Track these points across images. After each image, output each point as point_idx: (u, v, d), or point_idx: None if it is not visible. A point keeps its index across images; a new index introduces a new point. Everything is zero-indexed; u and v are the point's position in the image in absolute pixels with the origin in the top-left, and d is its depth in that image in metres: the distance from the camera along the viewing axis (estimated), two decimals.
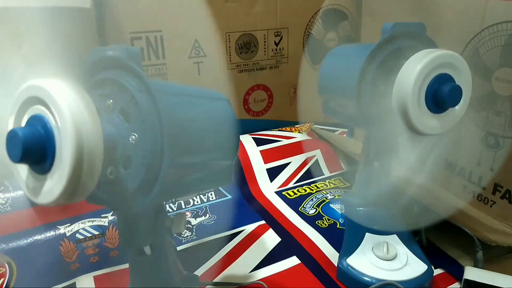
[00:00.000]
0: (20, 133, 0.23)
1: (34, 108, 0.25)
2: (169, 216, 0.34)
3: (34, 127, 0.24)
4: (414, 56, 0.37)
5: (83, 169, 0.24)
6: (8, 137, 0.24)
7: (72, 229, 0.50)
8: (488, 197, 0.48)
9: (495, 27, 0.43)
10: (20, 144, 0.23)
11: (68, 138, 0.23)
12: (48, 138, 0.24)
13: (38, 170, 0.25)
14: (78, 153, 0.23)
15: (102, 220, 0.52)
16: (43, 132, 0.24)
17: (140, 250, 0.32)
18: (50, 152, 0.24)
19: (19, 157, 0.23)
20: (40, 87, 0.24)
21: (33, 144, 0.24)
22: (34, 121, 0.25)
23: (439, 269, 0.45)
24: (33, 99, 0.25)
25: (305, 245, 0.50)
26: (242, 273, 0.45)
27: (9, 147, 0.24)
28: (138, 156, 0.27)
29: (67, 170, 0.23)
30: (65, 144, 0.23)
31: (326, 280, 0.44)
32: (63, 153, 0.24)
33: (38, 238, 0.49)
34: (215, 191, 0.61)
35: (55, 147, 0.24)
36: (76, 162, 0.23)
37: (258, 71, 0.75)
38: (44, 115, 0.24)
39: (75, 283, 0.43)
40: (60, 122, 0.24)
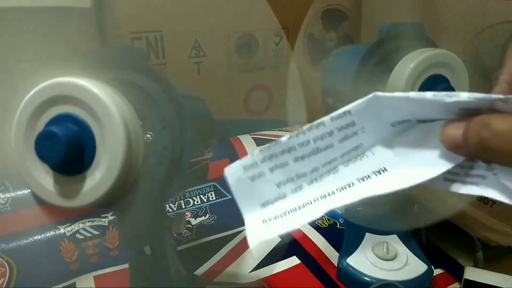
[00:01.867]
0: (60, 133, 0.22)
1: (58, 108, 0.24)
2: (168, 216, 0.34)
3: (69, 127, 0.23)
4: (408, 56, 0.37)
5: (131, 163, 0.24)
6: (43, 138, 0.23)
7: (72, 229, 0.50)
8: (488, 197, 0.48)
9: (495, 27, 0.43)
10: (62, 145, 0.22)
11: (117, 133, 0.23)
12: (86, 136, 0.24)
13: (70, 171, 0.24)
14: (128, 146, 0.23)
15: (102, 220, 0.52)
16: (78, 130, 0.23)
17: (140, 250, 0.32)
18: (89, 151, 0.24)
19: (59, 159, 0.22)
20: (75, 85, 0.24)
21: (73, 144, 0.23)
22: (63, 120, 0.24)
23: (439, 269, 0.45)
24: (58, 98, 0.24)
25: (305, 245, 0.50)
26: (242, 273, 0.45)
27: (45, 148, 0.22)
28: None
29: (118, 164, 0.23)
30: (113, 140, 0.23)
31: (326, 280, 0.44)
32: (108, 149, 0.23)
33: (38, 238, 0.49)
34: (215, 191, 0.61)
35: (95, 145, 0.24)
36: (126, 156, 0.23)
37: (258, 71, 0.75)
38: (76, 113, 0.24)
39: (75, 283, 0.43)
40: (106, 118, 0.23)
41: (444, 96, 0.18)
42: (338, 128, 0.21)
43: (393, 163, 0.21)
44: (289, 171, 0.22)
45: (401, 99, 0.19)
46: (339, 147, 0.21)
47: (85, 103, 0.24)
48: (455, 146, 0.18)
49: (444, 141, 0.19)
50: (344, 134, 0.21)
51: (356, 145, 0.21)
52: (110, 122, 0.23)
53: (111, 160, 0.23)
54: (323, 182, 0.22)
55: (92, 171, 0.24)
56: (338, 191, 0.21)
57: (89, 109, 0.24)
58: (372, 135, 0.21)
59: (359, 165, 0.21)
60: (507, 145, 0.16)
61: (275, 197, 0.22)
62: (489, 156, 0.17)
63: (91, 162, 0.24)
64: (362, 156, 0.21)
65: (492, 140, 0.16)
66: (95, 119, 0.24)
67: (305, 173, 0.22)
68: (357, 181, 0.21)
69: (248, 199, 0.22)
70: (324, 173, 0.22)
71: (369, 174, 0.21)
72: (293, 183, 0.22)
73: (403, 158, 0.21)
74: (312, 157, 0.21)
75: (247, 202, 0.22)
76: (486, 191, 0.19)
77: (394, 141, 0.21)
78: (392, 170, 0.21)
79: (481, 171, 0.19)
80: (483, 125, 0.17)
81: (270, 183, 0.22)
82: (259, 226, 0.22)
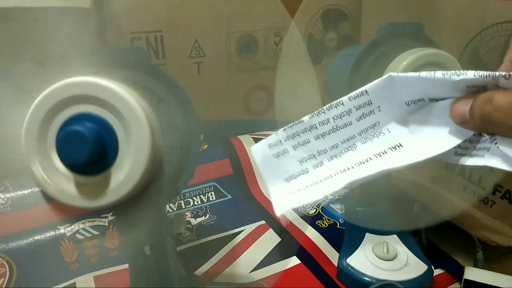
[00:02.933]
0: (85, 132, 0.22)
1: (75, 107, 0.24)
2: (168, 216, 0.34)
3: (91, 126, 0.23)
4: (401, 55, 0.37)
5: (155, 158, 0.24)
6: (68, 138, 0.23)
7: (72, 229, 0.50)
8: (488, 197, 0.48)
9: (495, 27, 0.43)
10: (88, 144, 0.22)
11: (143, 132, 0.23)
12: (107, 135, 0.24)
13: (91, 171, 0.24)
14: (153, 144, 0.24)
15: (102, 220, 0.52)
16: (100, 129, 0.24)
17: (140, 250, 0.32)
18: (111, 150, 0.24)
19: (86, 159, 0.22)
20: (94, 84, 0.24)
21: (97, 143, 0.23)
22: (81, 120, 0.24)
23: (439, 269, 0.45)
24: (76, 98, 0.24)
25: (305, 245, 0.50)
26: (242, 273, 0.45)
27: (70, 149, 0.22)
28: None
29: (143, 162, 0.23)
30: (138, 138, 0.23)
31: (326, 280, 0.44)
32: (133, 147, 0.24)
33: (38, 238, 0.49)
34: (215, 191, 0.61)
35: (118, 144, 0.24)
36: (152, 153, 0.24)
37: (258, 71, 0.75)
38: (96, 112, 0.24)
39: (75, 283, 0.43)
40: (130, 115, 0.23)
41: (453, 75, 0.19)
42: (356, 107, 0.22)
43: (408, 139, 0.22)
44: (311, 148, 0.23)
45: (413, 79, 0.21)
46: (357, 125, 0.23)
47: (108, 102, 0.24)
48: (463, 121, 0.20)
49: (453, 117, 0.20)
50: (361, 112, 0.23)
51: (373, 123, 0.23)
52: (135, 121, 0.24)
53: (137, 158, 0.24)
54: (342, 158, 0.23)
55: (115, 170, 0.24)
56: (357, 165, 0.23)
57: (111, 108, 0.24)
58: (388, 113, 0.22)
59: (376, 142, 0.23)
60: (506, 117, 0.18)
61: (298, 172, 0.24)
62: (491, 128, 0.19)
63: (113, 161, 0.24)
64: (378, 133, 0.23)
65: (493, 113, 0.18)
66: (118, 118, 0.24)
67: (325, 149, 0.23)
68: (375, 157, 0.23)
69: (273, 174, 0.24)
70: (343, 149, 0.23)
71: (386, 150, 0.22)
72: (315, 159, 0.23)
73: (417, 134, 0.22)
74: (332, 135, 0.23)
75: (272, 177, 0.24)
76: (490, 161, 0.20)
77: (408, 119, 0.22)
78: (407, 145, 0.22)
79: (486, 144, 0.20)
80: (486, 100, 0.18)
81: (293, 160, 0.24)
82: (284, 198, 0.23)
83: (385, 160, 0.22)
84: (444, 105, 0.21)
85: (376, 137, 0.23)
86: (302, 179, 0.24)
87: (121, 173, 0.24)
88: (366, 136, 0.23)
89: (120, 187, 0.24)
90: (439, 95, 0.21)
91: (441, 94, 0.21)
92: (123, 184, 0.24)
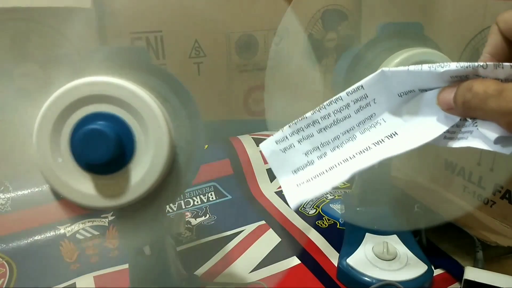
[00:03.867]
0: (107, 131, 0.23)
1: (88, 107, 0.24)
2: (168, 216, 0.34)
3: (110, 125, 0.24)
4: (394, 55, 0.37)
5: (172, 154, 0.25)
6: (88, 137, 0.23)
7: (72, 229, 0.50)
8: (488, 197, 0.48)
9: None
10: (110, 142, 0.23)
11: (161, 130, 0.24)
12: (124, 134, 0.24)
13: (109, 170, 0.24)
14: (170, 138, 0.25)
15: (102, 220, 0.52)
16: (117, 128, 0.24)
17: (139, 250, 0.32)
18: (129, 149, 0.24)
19: (108, 158, 0.23)
20: (111, 84, 0.24)
21: (118, 142, 0.24)
22: (97, 119, 0.24)
23: (439, 269, 0.45)
24: (89, 97, 0.24)
25: (305, 245, 0.50)
26: (242, 273, 0.45)
27: (91, 148, 0.23)
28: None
29: (164, 155, 0.24)
30: (156, 137, 0.24)
31: (326, 280, 0.44)
32: (151, 146, 0.24)
33: (38, 238, 0.49)
34: (215, 191, 0.61)
35: (135, 143, 0.24)
36: (170, 151, 0.25)
37: (258, 71, 0.75)
38: (109, 111, 0.24)
39: (75, 283, 0.43)
40: (147, 113, 0.24)
41: (438, 67, 0.22)
42: (354, 100, 0.25)
43: (403, 127, 0.24)
44: (315, 141, 0.25)
45: (403, 72, 0.23)
46: (355, 117, 0.25)
47: (123, 101, 0.24)
48: (448, 108, 0.22)
49: (440, 104, 0.23)
50: (359, 105, 0.25)
51: (369, 114, 0.25)
52: (153, 118, 0.24)
53: (156, 154, 0.24)
54: (343, 148, 0.25)
55: (134, 168, 0.25)
56: (358, 154, 0.25)
57: (126, 106, 0.24)
58: (383, 105, 0.25)
59: (373, 132, 0.25)
60: (482, 103, 0.20)
61: (304, 164, 0.26)
62: (472, 113, 0.21)
63: (131, 159, 0.24)
64: (375, 123, 0.25)
65: (472, 100, 0.20)
66: (134, 116, 0.24)
67: (328, 141, 0.25)
68: (373, 145, 0.25)
69: (282, 167, 0.26)
70: (344, 140, 0.25)
71: (383, 138, 0.25)
72: (319, 151, 0.26)
73: (410, 123, 0.24)
74: (333, 128, 0.25)
75: (281, 170, 0.26)
76: (472, 142, 0.22)
77: (401, 109, 0.25)
78: (402, 133, 0.24)
79: (470, 128, 0.23)
80: (467, 88, 0.21)
81: (299, 153, 0.26)
82: (295, 189, 0.25)
83: (383, 148, 0.24)
84: (432, 95, 0.23)
85: (373, 127, 0.25)
86: (308, 170, 0.26)
87: (140, 170, 0.24)
88: (364, 127, 0.25)
89: (140, 184, 0.24)
90: (427, 86, 0.23)
91: (429, 85, 0.23)
92: (143, 181, 0.24)
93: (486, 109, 0.20)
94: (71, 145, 0.24)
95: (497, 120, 0.20)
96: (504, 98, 0.19)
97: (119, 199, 0.25)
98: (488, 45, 0.23)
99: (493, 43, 0.23)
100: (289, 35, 0.61)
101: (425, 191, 0.54)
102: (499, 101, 0.19)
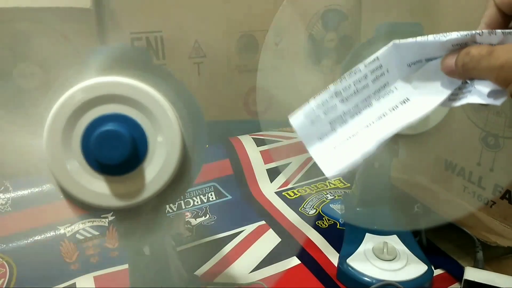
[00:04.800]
0: (123, 131, 0.23)
1: (100, 108, 0.24)
2: (168, 216, 0.34)
3: (123, 125, 0.24)
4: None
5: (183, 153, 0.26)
6: (105, 138, 0.23)
7: (72, 229, 0.50)
8: (488, 197, 0.48)
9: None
10: (127, 143, 0.23)
11: (173, 129, 0.25)
12: (137, 133, 0.24)
13: (122, 170, 0.25)
14: (182, 138, 0.25)
15: (102, 220, 0.52)
16: (131, 128, 0.24)
17: (139, 250, 0.32)
18: (142, 148, 0.25)
19: (123, 158, 0.23)
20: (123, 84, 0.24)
21: (133, 142, 0.24)
22: (109, 120, 0.24)
23: (439, 269, 0.45)
24: (101, 98, 0.24)
25: (305, 245, 0.50)
26: (242, 273, 0.45)
27: (107, 149, 0.23)
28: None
29: (176, 153, 0.25)
30: (169, 135, 0.25)
31: (326, 280, 0.44)
32: (164, 144, 0.25)
33: (38, 238, 0.49)
34: (215, 191, 0.61)
35: (147, 142, 0.25)
36: (182, 148, 0.25)
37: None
38: (124, 112, 0.24)
39: (75, 283, 0.43)
40: (161, 114, 0.24)
41: (441, 36, 0.25)
42: (370, 71, 0.27)
43: (413, 94, 0.27)
44: (337, 110, 0.28)
45: (412, 43, 0.26)
46: (372, 86, 0.28)
47: (135, 100, 0.24)
48: (451, 72, 0.26)
49: (443, 70, 0.26)
50: (375, 75, 0.28)
51: (384, 83, 0.28)
52: (165, 117, 0.25)
53: (169, 152, 0.25)
54: (362, 115, 0.28)
55: (147, 167, 0.25)
56: (376, 120, 0.28)
57: (137, 105, 0.24)
58: (395, 74, 0.27)
59: (387, 99, 0.28)
60: (477, 63, 0.24)
61: (329, 132, 0.29)
62: (470, 74, 0.25)
63: (144, 158, 0.25)
64: (389, 91, 0.28)
65: (469, 63, 0.24)
66: (146, 115, 0.25)
67: (349, 110, 0.28)
68: (389, 111, 0.28)
69: (310, 137, 0.29)
70: (362, 108, 0.28)
71: (397, 104, 0.27)
72: (341, 119, 0.28)
73: (420, 89, 0.27)
74: (353, 97, 0.28)
75: (310, 140, 0.29)
76: (471, 99, 0.26)
77: (411, 77, 0.27)
78: (414, 99, 0.27)
79: (469, 88, 0.26)
80: (465, 53, 0.24)
81: (324, 122, 0.28)
82: (324, 157, 0.29)
83: (398, 114, 0.27)
84: (437, 63, 0.26)
85: (387, 94, 0.28)
86: (333, 138, 0.29)
87: (153, 170, 0.25)
88: (379, 95, 0.28)
89: (154, 182, 0.25)
90: (432, 55, 0.26)
91: (434, 54, 0.26)
92: (156, 180, 0.25)
93: (480, 68, 0.23)
94: (86, 146, 0.24)
95: (489, 76, 0.23)
96: (493, 56, 0.23)
97: (131, 199, 0.25)
98: (484, 17, 0.27)
99: (488, 14, 0.27)
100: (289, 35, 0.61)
101: (425, 191, 0.54)
102: (489, 59, 0.23)
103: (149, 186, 0.25)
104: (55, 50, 0.52)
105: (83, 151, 0.24)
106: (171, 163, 0.25)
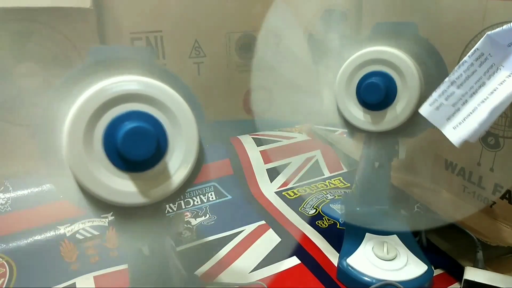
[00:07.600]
0: (150, 128, 0.24)
1: (122, 106, 0.25)
2: (167, 215, 0.34)
3: (143, 123, 0.24)
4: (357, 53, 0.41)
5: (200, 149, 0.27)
6: (133, 135, 0.24)
7: (72, 229, 0.50)
8: (488, 197, 0.48)
9: (495, 27, 0.43)
10: (153, 139, 0.24)
11: (191, 126, 0.26)
12: (158, 131, 0.25)
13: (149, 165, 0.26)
14: (199, 134, 0.27)
15: (102, 220, 0.52)
16: (152, 126, 0.25)
17: (139, 250, 0.32)
18: (162, 145, 0.26)
19: (150, 154, 0.24)
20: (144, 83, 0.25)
21: (158, 139, 0.25)
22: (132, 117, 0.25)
23: (439, 269, 0.45)
24: (124, 96, 0.25)
25: (305, 245, 0.50)
26: (242, 273, 0.45)
27: (135, 145, 0.24)
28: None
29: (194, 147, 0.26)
30: (188, 133, 0.26)
31: (326, 280, 0.44)
32: (184, 140, 0.26)
33: (38, 238, 0.49)
34: (215, 191, 0.61)
35: (167, 137, 0.26)
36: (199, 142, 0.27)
37: None
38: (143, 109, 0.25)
39: (75, 283, 0.43)
40: (180, 111, 0.26)
41: None
42: (475, 59, 0.33)
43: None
44: (457, 95, 0.34)
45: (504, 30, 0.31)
46: (480, 70, 0.33)
47: (154, 98, 0.25)
48: None
49: None
50: (480, 62, 0.33)
51: (490, 65, 0.33)
52: (183, 114, 0.26)
53: (188, 147, 0.26)
54: (478, 94, 0.33)
55: (169, 162, 0.26)
56: (489, 95, 0.32)
57: (156, 103, 0.25)
58: (498, 56, 0.32)
59: (496, 76, 0.32)
60: None
61: (454, 112, 0.34)
62: None
63: (165, 154, 0.26)
64: (496, 70, 0.32)
65: None
66: (165, 114, 0.26)
67: (466, 92, 0.34)
68: (498, 85, 0.32)
69: (439, 120, 0.35)
70: (477, 88, 0.33)
71: (504, 79, 0.32)
72: (462, 100, 0.34)
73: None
74: (467, 82, 0.34)
75: (439, 122, 0.35)
76: None
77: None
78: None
79: None
80: None
81: (448, 106, 0.35)
82: (453, 132, 0.34)
83: (506, 85, 0.31)
84: None
85: (495, 72, 0.32)
86: (458, 115, 0.34)
87: (174, 166, 0.26)
88: (489, 75, 0.33)
89: (175, 176, 0.26)
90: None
91: None
92: (177, 176, 0.26)
93: None
94: (109, 143, 0.25)
95: None
96: None
97: (151, 196, 0.26)
98: None
99: None
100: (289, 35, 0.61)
101: (425, 191, 0.54)
102: None
103: (170, 181, 0.26)
104: (55, 50, 0.52)
105: (105, 149, 0.25)
106: (189, 160, 0.26)
